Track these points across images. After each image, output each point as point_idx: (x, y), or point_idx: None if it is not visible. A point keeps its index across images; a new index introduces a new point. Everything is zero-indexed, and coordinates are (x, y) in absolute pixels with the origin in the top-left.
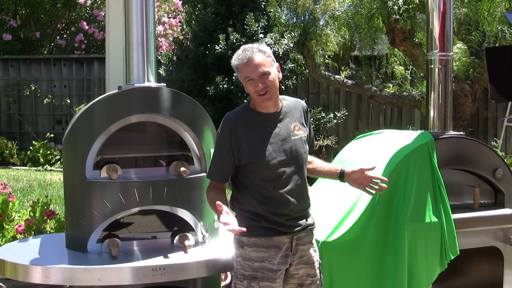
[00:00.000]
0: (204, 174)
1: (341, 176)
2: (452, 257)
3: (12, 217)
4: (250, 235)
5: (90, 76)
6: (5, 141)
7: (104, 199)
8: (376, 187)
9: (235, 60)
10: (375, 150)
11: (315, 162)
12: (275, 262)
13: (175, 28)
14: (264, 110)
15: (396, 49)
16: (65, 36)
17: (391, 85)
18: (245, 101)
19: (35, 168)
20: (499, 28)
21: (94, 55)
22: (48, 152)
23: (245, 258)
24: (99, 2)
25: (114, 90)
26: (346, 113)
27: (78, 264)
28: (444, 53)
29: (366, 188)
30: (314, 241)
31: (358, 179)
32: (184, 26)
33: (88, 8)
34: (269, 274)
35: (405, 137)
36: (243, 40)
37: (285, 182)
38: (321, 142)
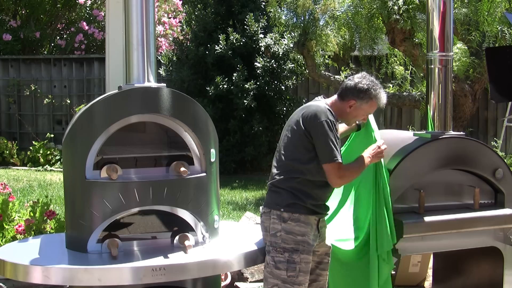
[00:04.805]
0: (204, 174)
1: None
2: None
3: (12, 217)
4: (293, 211)
5: (90, 76)
6: (5, 141)
7: (104, 199)
8: None
9: (382, 98)
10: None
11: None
12: (311, 237)
13: (175, 28)
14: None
15: (396, 49)
16: (65, 36)
17: (391, 85)
18: (245, 101)
19: (35, 168)
20: (499, 28)
21: (94, 55)
22: (48, 152)
23: (288, 232)
24: (99, 2)
25: (114, 90)
26: None
27: (78, 264)
28: (444, 53)
29: None
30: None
31: None
32: (184, 26)
33: (88, 8)
34: (308, 248)
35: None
36: (243, 40)
37: None
38: None
